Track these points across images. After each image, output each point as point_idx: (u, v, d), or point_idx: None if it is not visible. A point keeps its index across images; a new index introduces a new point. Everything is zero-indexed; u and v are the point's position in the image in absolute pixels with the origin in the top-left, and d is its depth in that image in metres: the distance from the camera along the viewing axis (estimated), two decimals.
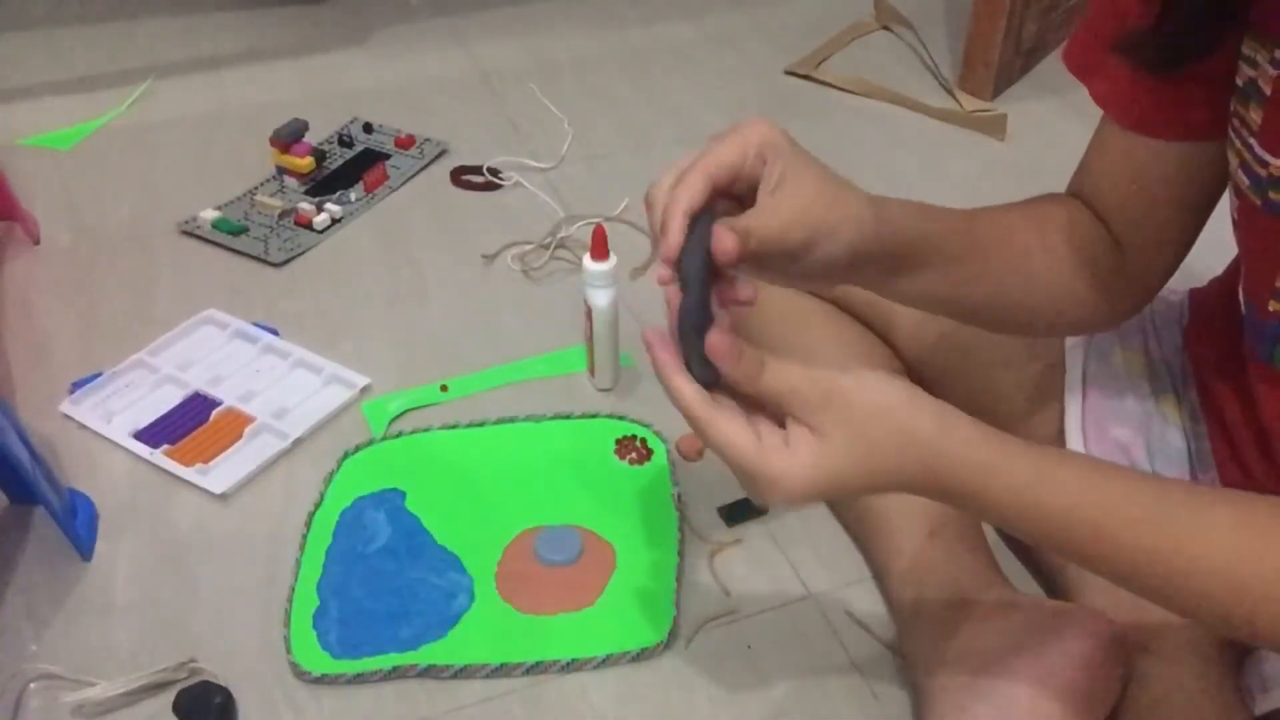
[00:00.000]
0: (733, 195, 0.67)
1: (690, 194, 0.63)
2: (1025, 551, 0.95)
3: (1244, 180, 0.69)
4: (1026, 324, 0.82)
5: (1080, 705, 0.75)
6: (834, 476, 0.62)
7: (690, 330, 0.63)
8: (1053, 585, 0.91)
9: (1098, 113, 0.80)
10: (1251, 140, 0.67)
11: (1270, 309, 0.70)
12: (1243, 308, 0.75)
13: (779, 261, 0.66)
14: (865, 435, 0.62)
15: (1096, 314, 0.81)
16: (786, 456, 0.62)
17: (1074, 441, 0.86)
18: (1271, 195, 0.67)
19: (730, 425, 0.62)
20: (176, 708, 0.84)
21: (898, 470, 0.62)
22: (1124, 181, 0.78)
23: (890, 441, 0.62)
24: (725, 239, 0.62)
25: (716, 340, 0.61)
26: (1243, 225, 0.72)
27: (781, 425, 0.63)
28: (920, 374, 0.99)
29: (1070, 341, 0.89)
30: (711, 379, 0.63)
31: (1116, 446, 0.85)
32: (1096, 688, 0.76)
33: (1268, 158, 0.66)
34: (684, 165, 0.66)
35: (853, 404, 0.62)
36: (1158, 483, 0.65)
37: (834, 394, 0.62)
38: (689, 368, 0.64)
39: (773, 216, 0.64)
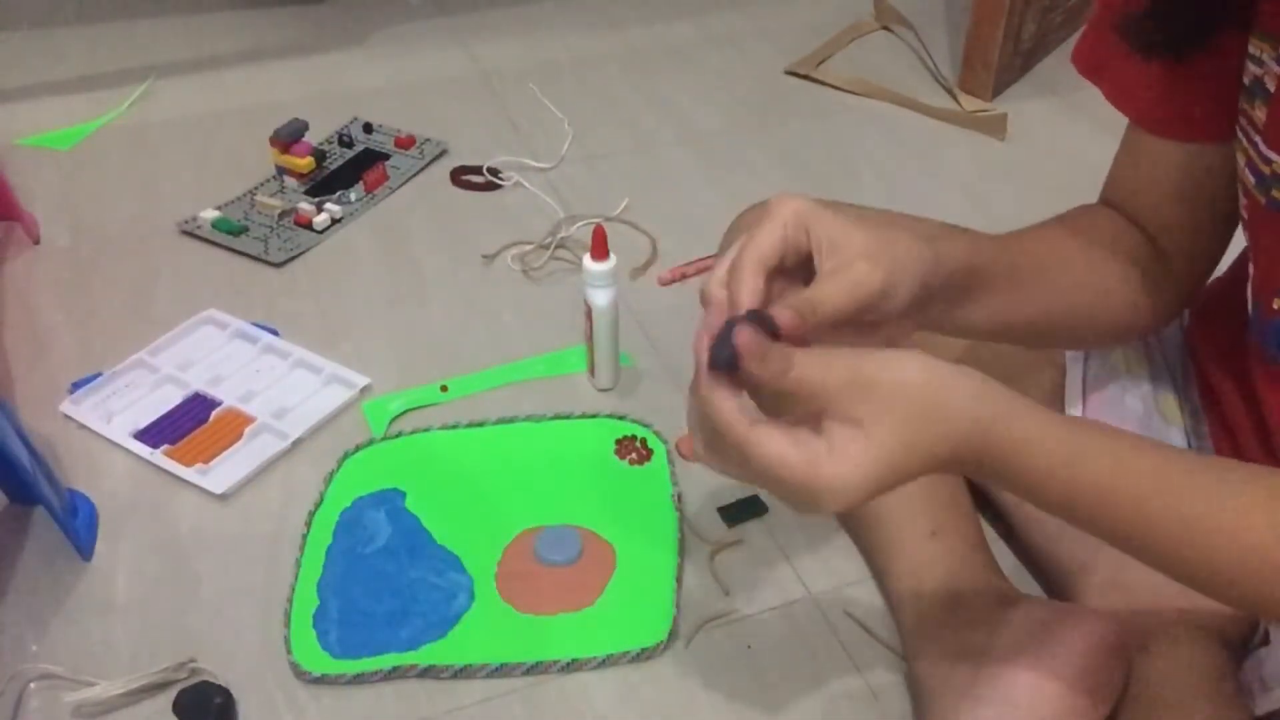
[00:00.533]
0: (785, 274, 0.66)
1: (748, 288, 0.63)
2: (1025, 551, 0.95)
3: (1250, 179, 0.69)
4: (1074, 337, 0.82)
5: (1080, 705, 0.75)
6: (887, 468, 0.58)
7: (722, 340, 0.61)
8: (1053, 585, 0.91)
9: (1098, 113, 0.80)
10: (1256, 138, 0.67)
11: (1275, 306, 0.70)
12: (1249, 306, 0.75)
13: (869, 315, 0.64)
14: (908, 417, 0.58)
15: (1140, 319, 0.81)
16: (834, 462, 0.58)
17: None
18: (1275, 193, 0.67)
19: (772, 442, 0.59)
20: (176, 708, 0.85)
21: (941, 447, 0.59)
22: (1152, 186, 0.78)
23: (932, 418, 0.58)
24: (782, 315, 0.60)
25: (746, 337, 0.58)
26: (1250, 223, 0.72)
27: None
28: None
29: None
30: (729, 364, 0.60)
31: None
32: (1096, 688, 0.76)
33: (1271, 155, 0.66)
34: (730, 260, 0.64)
35: (890, 386, 0.58)
36: (1198, 457, 0.64)
37: (869, 379, 0.58)
38: (713, 361, 0.60)
39: (838, 281, 0.63)
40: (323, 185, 1.43)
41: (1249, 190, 0.69)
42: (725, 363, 0.60)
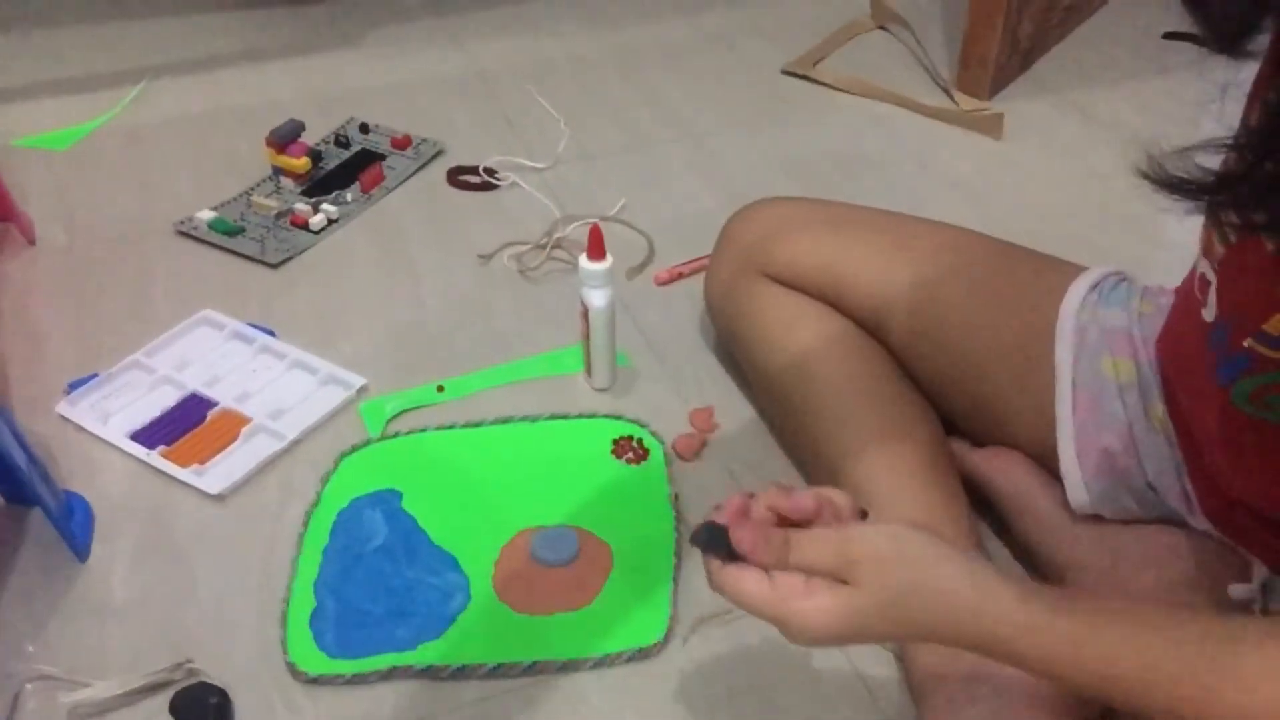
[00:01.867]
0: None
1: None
2: (1021, 549, 0.95)
3: None
4: None
5: (1076, 702, 0.75)
6: (853, 623, 0.64)
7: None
8: (1047, 582, 0.91)
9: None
10: None
11: (1245, 345, 0.68)
12: (1211, 315, 0.72)
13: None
14: (892, 590, 0.64)
15: None
16: (803, 599, 0.64)
17: (1066, 453, 0.87)
18: None
19: (743, 577, 0.66)
20: (173, 708, 0.85)
21: (924, 624, 0.64)
22: None
23: (917, 598, 0.64)
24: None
25: (743, 535, 0.67)
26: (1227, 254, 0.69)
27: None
28: (913, 372, 0.99)
29: (1060, 349, 0.88)
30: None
31: (1106, 456, 0.85)
32: None
33: None
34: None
35: (880, 560, 0.64)
36: (1197, 630, 0.62)
37: (860, 558, 0.64)
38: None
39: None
40: (319, 186, 1.43)
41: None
42: (705, 544, 0.69)
